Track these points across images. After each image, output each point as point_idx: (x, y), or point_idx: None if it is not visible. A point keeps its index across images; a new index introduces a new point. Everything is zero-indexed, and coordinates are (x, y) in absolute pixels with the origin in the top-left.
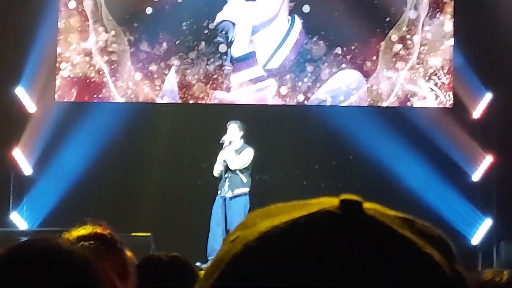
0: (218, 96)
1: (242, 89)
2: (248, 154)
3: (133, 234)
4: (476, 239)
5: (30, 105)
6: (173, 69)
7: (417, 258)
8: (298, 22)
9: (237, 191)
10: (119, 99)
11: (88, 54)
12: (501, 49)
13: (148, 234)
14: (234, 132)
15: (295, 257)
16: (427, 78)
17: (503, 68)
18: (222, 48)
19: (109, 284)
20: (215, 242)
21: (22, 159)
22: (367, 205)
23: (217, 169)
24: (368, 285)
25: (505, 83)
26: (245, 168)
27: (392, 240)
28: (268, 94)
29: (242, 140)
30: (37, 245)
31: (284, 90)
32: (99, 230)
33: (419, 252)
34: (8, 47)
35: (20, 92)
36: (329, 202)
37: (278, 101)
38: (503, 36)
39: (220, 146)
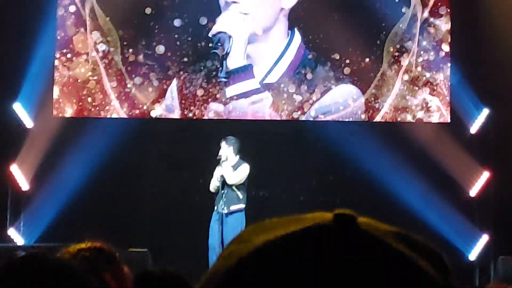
0: (213, 108)
1: (236, 102)
2: (245, 170)
3: (130, 249)
4: (473, 255)
5: (27, 121)
6: (174, 82)
7: (411, 273)
8: (298, 36)
9: (233, 207)
10: (117, 114)
11: (86, 70)
12: (498, 65)
13: (145, 249)
14: (229, 148)
15: (289, 271)
16: (424, 93)
17: (500, 83)
18: (218, 60)
19: None
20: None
21: (20, 175)
22: (361, 219)
23: (214, 185)
24: None
25: (502, 99)
26: (241, 184)
27: (386, 254)
28: (263, 107)
29: (237, 156)
30: (35, 259)
31: (281, 104)
32: (98, 245)
33: (413, 266)
34: (5, 62)
35: (18, 107)
36: (323, 216)
37: (274, 115)
38: (500, 52)
39: (217, 162)
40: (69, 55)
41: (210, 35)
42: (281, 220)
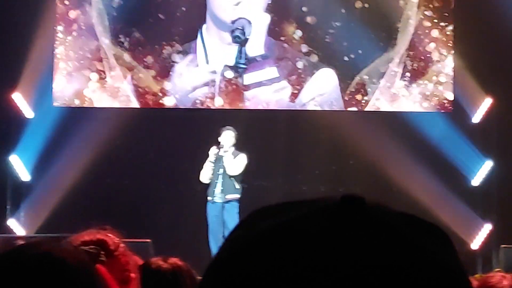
0: (230, 97)
1: (258, 90)
2: (243, 161)
3: (132, 240)
4: (476, 244)
5: (27, 111)
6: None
7: (419, 254)
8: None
9: (229, 196)
10: (119, 103)
11: (86, 59)
12: (500, 54)
13: (148, 240)
14: (229, 138)
15: (297, 253)
16: (427, 82)
17: (502, 73)
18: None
19: None
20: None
21: (20, 165)
22: (369, 201)
23: (207, 175)
24: (371, 281)
25: (505, 88)
26: (238, 174)
27: (394, 235)
28: (285, 96)
29: (233, 147)
30: (28, 251)
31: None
32: (100, 236)
33: (422, 249)
34: (5, 52)
35: (18, 97)
36: (332, 199)
37: (292, 105)
38: (503, 41)
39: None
40: (67, 43)
41: (230, 20)
42: (286, 203)
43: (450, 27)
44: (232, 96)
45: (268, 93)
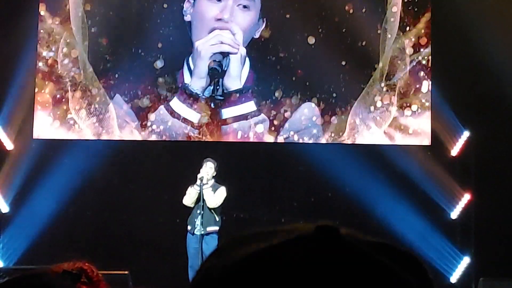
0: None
1: (237, 124)
2: (223, 193)
3: (111, 272)
4: (455, 277)
5: (7, 143)
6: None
7: (393, 282)
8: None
9: (210, 228)
10: (96, 136)
11: (66, 91)
12: (478, 88)
13: (126, 272)
14: (209, 170)
15: (272, 283)
16: (405, 116)
17: (480, 106)
18: (214, 79)
19: None
20: None
21: None
22: (343, 230)
23: (190, 200)
24: None
25: (482, 122)
26: (218, 207)
27: (369, 264)
28: (263, 129)
29: (213, 180)
30: (30, 281)
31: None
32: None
33: (396, 277)
34: None
35: None
36: (305, 228)
37: (271, 138)
38: (481, 75)
39: (193, 181)
40: (49, 79)
41: (207, 52)
42: (262, 231)
43: (428, 60)
44: (211, 128)
45: (246, 126)
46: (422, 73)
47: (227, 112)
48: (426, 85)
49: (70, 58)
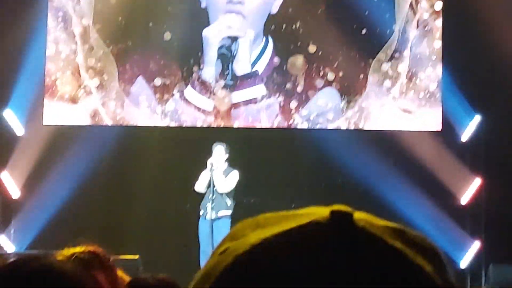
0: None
1: (246, 108)
2: (235, 177)
3: (121, 256)
4: (464, 262)
5: (18, 128)
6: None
7: (408, 270)
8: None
9: (221, 213)
10: (109, 121)
11: (77, 76)
12: (489, 72)
13: (136, 256)
14: (220, 155)
15: (286, 270)
16: (415, 101)
17: (491, 90)
18: (224, 64)
19: None
20: None
21: (10, 182)
22: (357, 215)
23: (201, 186)
24: None
25: (493, 106)
26: (230, 191)
27: (383, 250)
28: (273, 113)
29: (226, 163)
30: (30, 264)
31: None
32: (91, 248)
33: (410, 264)
34: None
35: (9, 114)
36: (319, 212)
37: (283, 121)
38: (492, 59)
39: (202, 170)
40: (59, 63)
41: (216, 38)
42: (276, 215)
43: (439, 43)
44: (222, 114)
45: (257, 110)
46: (432, 57)
47: (237, 96)
48: (436, 69)
49: (82, 42)
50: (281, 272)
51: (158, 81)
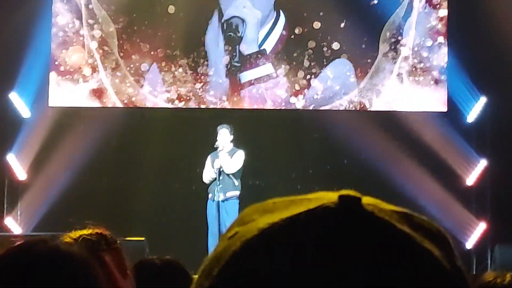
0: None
1: (253, 87)
2: (241, 157)
3: (127, 238)
4: (470, 243)
5: (24, 110)
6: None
7: (416, 253)
8: (283, 18)
9: (229, 193)
10: (115, 103)
11: (83, 57)
12: (495, 53)
13: (142, 238)
14: (225, 136)
15: (295, 254)
16: (421, 82)
17: (497, 72)
18: (233, 44)
19: (110, 279)
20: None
21: (17, 164)
22: (365, 200)
23: (209, 176)
24: (367, 281)
25: (499, 87)
26: (237, 171)
27: (391, 235)
28: (280, 92)
29: (231, 144)
30: (36, 247)
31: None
32: (98, 230)
33: (418, 247)
34: (2, 52)
35: (14, 97)
36: (328, 197)
37: (292, 100)
38: (498, 40)
39: (209, 151)
40: (65, 45)
41: (223, 20)
42: (284, 200)
43: (445, 24)
44: (231, 95)
45: (264, 89)
46: (438, 38)
47: (246, 76)
48: (442, 50)
49: (87, 24)
50: (290, 256)
51: (165, 62)
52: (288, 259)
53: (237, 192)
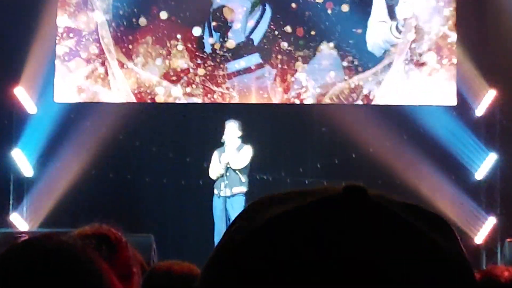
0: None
1: (241, 77)
2: (248, 153)
3: (134, 234)
4: (480, 238)
5: (30, 106)
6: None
7: (422, 244)
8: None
9: (236, 189)
10: (118, 98)
11: (88, 52)
12: (504, 46)
13: (149, 234)
14: (232, 131)
15: (302, 243)
16: (430, 76)
17: (506, 65)
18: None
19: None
20: None
21: (22, 160)
22: (371, 191)
23: (216, 172)
24: (373, 271)
25: (508, 80)
26: (244, 167)
27: (397, 225)
28: (266, 82)
29: (239, 139)
30: (41, 243)
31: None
32: (102, 230)
33: (424, 238)
34: (8, 47)
35: (20, 92)
36: (333, 189)
37: (278, 91)
38: (507, 33)
39: (215, 146)
40: (71, 35)
41: (211, 9)
42: (289, 193)
43: (454, 17)
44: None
45: (251, 79)
46: (447, 31)
47: (232, 66)
48: (451, 43)
49: (91, 19)
50: (297, 245)
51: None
52: (294, 248)
53: (244, 189)
